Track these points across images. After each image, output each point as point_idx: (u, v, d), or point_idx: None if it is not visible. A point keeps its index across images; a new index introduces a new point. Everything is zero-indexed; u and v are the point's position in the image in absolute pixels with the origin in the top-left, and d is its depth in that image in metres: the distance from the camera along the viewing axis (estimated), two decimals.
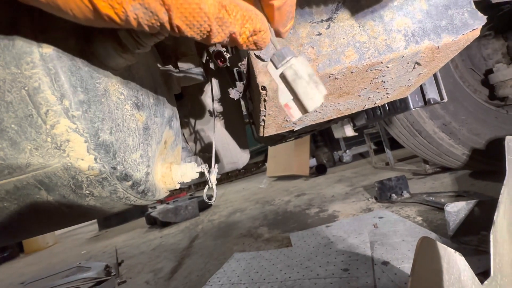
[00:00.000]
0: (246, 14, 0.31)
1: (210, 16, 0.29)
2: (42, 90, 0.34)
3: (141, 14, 0.28)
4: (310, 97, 0.37)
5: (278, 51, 0.38)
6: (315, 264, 1.28)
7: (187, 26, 0.29)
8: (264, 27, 0.33)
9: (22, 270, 3.39)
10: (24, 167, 0.38)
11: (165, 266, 1.94)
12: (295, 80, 0.37)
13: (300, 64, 0.38)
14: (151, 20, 0.29)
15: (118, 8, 0.28)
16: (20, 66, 0.34)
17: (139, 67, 0.55)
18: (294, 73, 0.37)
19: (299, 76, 0.37)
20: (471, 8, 0.62)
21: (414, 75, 0.76)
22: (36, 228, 0.55)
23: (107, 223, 4.95)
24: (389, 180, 1.92)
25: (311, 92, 0.37)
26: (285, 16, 0.36)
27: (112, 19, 0.28)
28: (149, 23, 0.29)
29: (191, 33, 0.30)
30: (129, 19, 0.28)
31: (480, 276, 0.63)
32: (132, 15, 0.28)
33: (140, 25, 0.29)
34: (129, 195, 0.47)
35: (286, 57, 0.38)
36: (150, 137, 0.53)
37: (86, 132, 0.38)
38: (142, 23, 0.29)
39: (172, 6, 0.28)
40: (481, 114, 1.67)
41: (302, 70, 0.37)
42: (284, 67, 0.38)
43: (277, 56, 0.38)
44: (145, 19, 0.29)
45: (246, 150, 1.22)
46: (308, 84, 0.37)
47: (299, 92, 0.37)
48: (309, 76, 0.37)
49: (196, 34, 0.30)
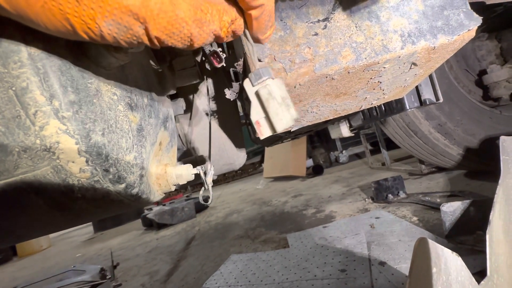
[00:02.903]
0: (219, 8, 0.32)
1: (188, 20, 0.29)
2: (30, 90, 0.33)
3: (115, 29, 0.27)
4: (280, 118, 0.39)
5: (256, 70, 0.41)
6: (312, 265, 1.28)
7: (167, 36, 0.29)
8: (238, 15, 0.34)
9: (15, 274, 3.32)
10: (12, 170, 0.36)
11: (161, 268, 1.91)
12: (268, 100, 0.39)
13: (275, 86, 0.40)
14: (127, 35, 0.28)
15: (91, 24, 0.26)
16: (7, 65, 0.33)
17: (132, 67, 0.54)
18: (268, 93, 0.39)
19: (273, 96, 0.39)
20: (467, 9, 0.63)
21: (411, 76, 0.76)
22: (27, 233, 0.53)
23: (102, 225, 4.90)
24: (385, 181, 1.93)
25: (281, 114, 0.39)
26: (263, 25, 0.37)
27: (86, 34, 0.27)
28: (125, 38, 0.28)
29: (172, 42, 0.30)
30: (104, 35, 0.27)
31: (476, 276, 0.63)
32: (106, 31, 0.27)
33: (116, 41, 0.28)
34: (122, 198, 0.46)
35: (262, 76, 0.40)
36: (144, 139, 0.52)
37: (77, 134, 0.36)
38: (118, 38, 0.28)
39: (147, 18, 0.27)
40: (476, 115, 1.69)
41: (276, 92, 0.39)
42: (259, 86, 0.40)
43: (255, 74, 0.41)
44: (120, 35, 0.28)
45: (243, 151, 1.21)
46: (280, 106, 0.39)
47: (270, 111, 0.39)
48: (282, 99, 0.40)
49: (177, 42, 0.30)
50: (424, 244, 0.57)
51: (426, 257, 0.56)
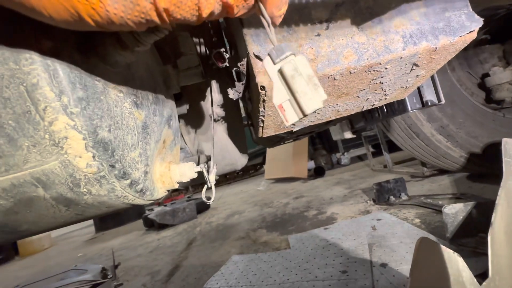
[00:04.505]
0: None
1: None
2: (40, 86, 0.34)
3: (121, 7, 0.25)
4: (309, 97, 0.33)
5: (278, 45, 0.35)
6: (314, 266, 1.27)
7: (175, 6, 0.27)
8: None
9: (17, 273, 3.34)
10: (21, 164, 0.37)
11: (163, 268, 1.92)
12: (294, 77, 0.34)
13: (300, 62, 0.34)
14: (134, 13, 0.26)
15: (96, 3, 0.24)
16: (18, 62, 0.34)
17: (138, 66, 0.55)
18: (294, 69, 0.34)
19: (299, 73, 0.34)
20: (468, 10, 0.63)
21: (412, 77, 0.77)
22: (33, 227, 0.54)
23: (104, 225, 4.90)
24: (387, 183, 1.93)
25: (310, 93, 0.33)
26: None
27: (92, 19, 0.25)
28: (132, 17, 0.26)
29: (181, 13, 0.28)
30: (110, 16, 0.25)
31: (478, 278, 0.63)
32: (112, 10, 0.25)
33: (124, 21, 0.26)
34: (127, 194, 0.47)
35: (285, 52, 0.35)
36: (149, 136, 0.53)
37: (85, 129, 0.37)
38: (125, 18, 0.26)
39: None
40: (478, 117, 1.69)
41: (302, 68, 0.34)
42: (283, 62, 0.34)
43: (276, 50, 0.35)
44: (128, 13, 0.26)
45: (245, 152, 1.22)
46: (307, 84, 0.34)
47: (298, 90, 0.34)
48: (308, 77, 0.34)
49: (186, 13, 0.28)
50: (425, 244, 0.57)
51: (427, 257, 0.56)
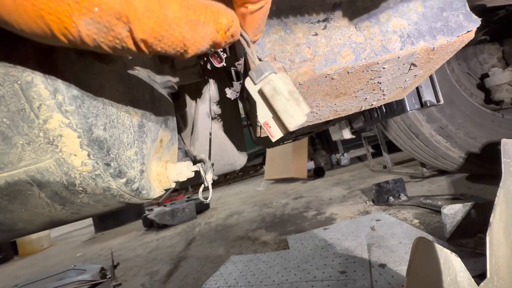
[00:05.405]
0: (214, 9, 0.28)
1: (179, 22, 0.25)
2: (35, 84, 0.34)
3: (94, 30, 0.23)
4: (290, 115, 0.35)
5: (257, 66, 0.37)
6: (312, 266, 1.27)
7: (156, 39, 0.25)
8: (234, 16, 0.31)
9: (16, 273, 3.34)
10: (15, 162, 0.37)
11: (161, 269, 1.91)
12: (274, 96, 0.35)
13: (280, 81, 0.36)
14: (108, 38, 0.24)
15: (68, 22, 0.23)
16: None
17: (135, 64, 0.55)
18: (273, 89, 0.35)
19: (278, 92, 0.35)
20: (466, 10, 0.63)
21: (410, 77, 0.77)
22: (29, 226, 0.54)
23: (103, 225, 4.90)
24: (386, 183, 1.93)
25: (292, 110, 0.35)
26: (257, 24, 0.34)
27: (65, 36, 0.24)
28: (106, 41, 0.24)
29: (162, 47, 0.26)
30: (83, 37, 0.24)
31: (476, 279, 0.63)
32: (85, 31, 0.23)
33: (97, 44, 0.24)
34: (123, 193, 0.46)
35: (264, 72, 0.36)
36: (145, 135, 0.53)
37: (80, 128, 0.37)
38: (99, 41, 0.24)
39: (131, 18, 0.23)
40: (478, 118, 1.69)
41: (281, 86, 0.36)
42: (262, 83, 0.36)
43: (255, 71, 0.37)
44: (101, 36, 0.24)
45: (244, 152, 1.22)
46: (288, 101, 0.35)
47: (278, 109, 0.35)
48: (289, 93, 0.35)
49: (168, 48, 0.26)
50: (423, 244, 0.57)
51: (424, 257, 0.56)
